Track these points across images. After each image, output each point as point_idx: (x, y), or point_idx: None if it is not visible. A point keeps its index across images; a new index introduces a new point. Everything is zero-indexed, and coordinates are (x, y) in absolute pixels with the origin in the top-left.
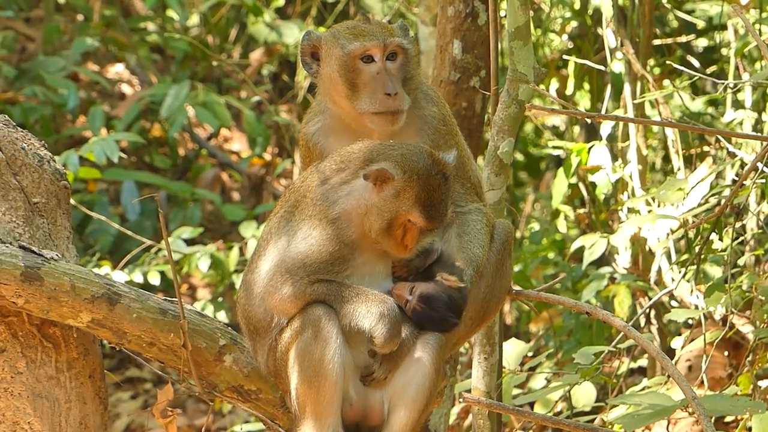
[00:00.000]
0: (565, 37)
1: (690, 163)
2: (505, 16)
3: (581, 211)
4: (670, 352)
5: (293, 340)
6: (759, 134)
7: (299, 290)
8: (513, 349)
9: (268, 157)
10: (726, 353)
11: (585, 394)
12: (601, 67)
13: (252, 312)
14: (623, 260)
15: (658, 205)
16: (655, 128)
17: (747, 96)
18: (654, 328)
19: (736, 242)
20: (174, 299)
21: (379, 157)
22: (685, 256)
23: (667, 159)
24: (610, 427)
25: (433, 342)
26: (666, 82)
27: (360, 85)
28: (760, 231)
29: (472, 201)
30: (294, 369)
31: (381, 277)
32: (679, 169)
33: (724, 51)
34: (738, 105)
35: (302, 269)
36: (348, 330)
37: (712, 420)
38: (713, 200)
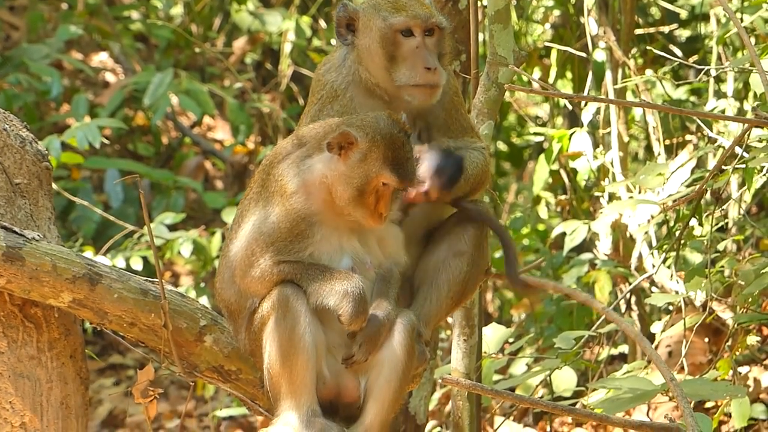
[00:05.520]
0: (547, 26)
1: (672, 152)
2: (486, 7)
3: (562, 197)
4: (651, 338)
5: (265, 320)
6: (739, 116)
7: (266, 271)
8: (494, 334)
9: (251, 145)
10: (706, 339)
11: (565, 380)
12: (583, 54)
13: (225, 295)
14: (604, 246)
15: (639, 192)
16: (637, 116)
17: (729, 85)
18: (635, 314)
19: (716, 228)
20: (155, 280)
21: (339, 127)
22: (666, 242)
23: (649, 149)
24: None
25: (405, 322)
26: (649, 72)
27: (399, 59)
28: (741, 217)
29: (475, 142)
30: (266, 349)
31: (342, 253)
32: (659, 155)
33: (706, 42)
34: (720, 95)
35: (266, 249)
36: (316, 308)
37: (692, 404)
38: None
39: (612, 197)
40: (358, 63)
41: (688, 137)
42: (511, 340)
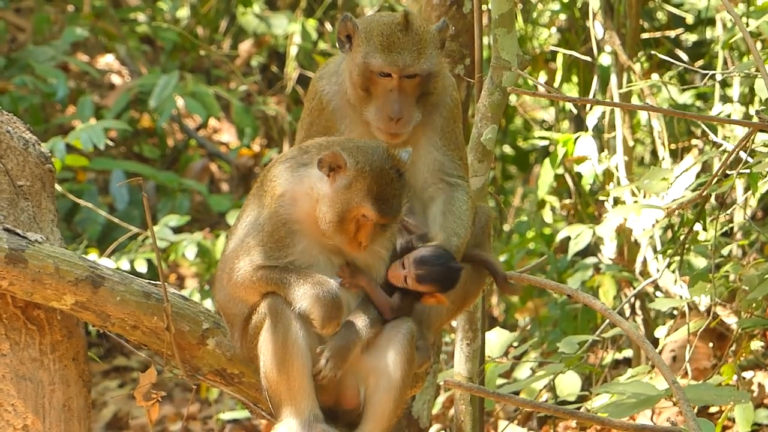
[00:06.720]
0: (553, 29)
1: (677, 156)
2: (490, 11)
3: (567, 201)
4: (654, 342)
5: (258, 329)
6: (743, 120)
7: (247, 275)
8: (497, 338)
9: (256, 147)
10: (710, 344)
11: (569, 384)
12: (588, 58)
13: (219, 296)
14: (609, 251)
15: (644, 196)
16: (643, 120)
17: (735, 89)
18: (639, 319)
19: (720, 233)
20: (158, 283)
21: (335, 146)
22: (670, 247)
23: (654, 153)
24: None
25: (404, 331)
26: (655, 76)
27: (372, 94)
28: (746, 222)
29: (461, 177)
30: (261, 358)
31: (323, 269)
32: (663, 159)
33: (712, 46)
34: (726, 99)
35: (249, 253)
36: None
37: (695, 409)
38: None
39: (617, 201)
40: (345, 73)
41: (693, 142)
42: (515, 344)
